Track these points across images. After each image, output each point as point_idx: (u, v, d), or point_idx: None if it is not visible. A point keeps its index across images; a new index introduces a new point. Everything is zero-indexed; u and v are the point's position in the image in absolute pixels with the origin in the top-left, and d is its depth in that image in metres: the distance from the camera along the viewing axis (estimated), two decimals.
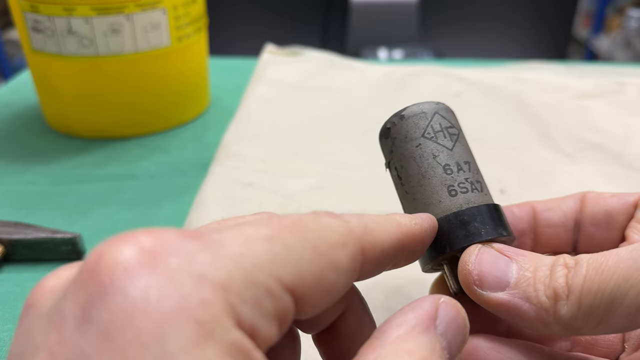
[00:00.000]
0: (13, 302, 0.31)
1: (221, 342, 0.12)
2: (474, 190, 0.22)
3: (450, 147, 0.22)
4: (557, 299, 0.18)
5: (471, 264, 0.20)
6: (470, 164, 0.23)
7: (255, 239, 0.14)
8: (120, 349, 0.11)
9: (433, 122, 0.23)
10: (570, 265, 0.18)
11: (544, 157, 0.43)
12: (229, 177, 0.40)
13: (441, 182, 0.22)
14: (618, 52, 1.71)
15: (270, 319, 0.13)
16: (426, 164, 0.22)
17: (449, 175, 0.22)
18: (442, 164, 0.22)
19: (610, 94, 0.52)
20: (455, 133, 0.23)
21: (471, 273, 0.20)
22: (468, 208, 0.21)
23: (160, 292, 0.12)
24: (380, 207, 0.37)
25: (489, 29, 1.28)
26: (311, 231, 0.15)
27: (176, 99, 0.50)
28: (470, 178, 0.22)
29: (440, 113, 0.23)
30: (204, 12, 0.51)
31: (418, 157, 0.22)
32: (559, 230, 0.25)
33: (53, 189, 0.41)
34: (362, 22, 1.18)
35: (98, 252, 0.13)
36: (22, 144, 0.48)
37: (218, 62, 0.62)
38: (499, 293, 0.19)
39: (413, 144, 0.23)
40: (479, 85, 0.54)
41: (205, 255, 0.13)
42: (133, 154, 0.46)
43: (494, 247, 0.20)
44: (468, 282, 0.20)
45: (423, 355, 0.15)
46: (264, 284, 0.13)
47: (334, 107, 0.52)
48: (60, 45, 0.44)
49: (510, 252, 0.20)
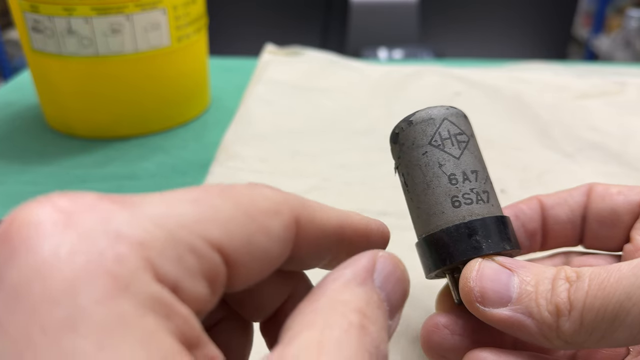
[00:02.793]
0: None
1: (138, 294, 0.11)
2: (479, 202, 0.21)
3: (457, 156, 0.22)
4: (559, 315, 0.18)
5: (472, 280, 0.20)
6: (478, 173, 0.22)
7: (180, 201, 0.13)
8: (29, 306, 0.11)
9: (441, 129, 0.22)
10: (572, 279, 0.18)
11: (544, 157, 0.43)
12: (229, 177, 0.40)
13: (445, 192, 0.21)
14: (618, 52, 1.71)
15: (197, 277, 0.13)
16: (431, 173, 0.22)
17: (454, 185, 0.21)
18: (448, 173, 0.22)
19: (610, 94, 0.52)
20: (465, 140, 0.22)
21: (472, 290, 0.19)
22: (470, 220, 0.21)
23: (72, 248, 0.11)
24: (380, 207, 0.37)
25: (489, 29, 1.28)
26: (243, 196, 0.15)
27: (176, 99, 0.50)
28: (476, 188, 0.22)
29: (450, 119, 0.22)
30: (204, 12, 0.51)
31: (424, 165, 0.22)
32: (567, 226, 0.24)
33: (53, 189, 0.41)
34: (362, 22, 1.18)
35: (12, 215, 0.12)
36: (22, 144, 0.48)
37: (218, 62, 0.62)
38: (502, 309, 0.19)
39: (419, 151, 0.22)
40: (479, 85, 0.54)
41: (123, 214, 0.12)
42: (133, 154, 0.46)
43: (495, 260, 0.20)
44: (470, 299, 0.20)
45: (358, 305, 0.14)
46: (187, 241, 0.13)
47: (334, 107, 0.52)
48: (60, 45, 0.44)
49: (512, 264, 0.20)
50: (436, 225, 0.21)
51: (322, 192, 0.39)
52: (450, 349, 0.21)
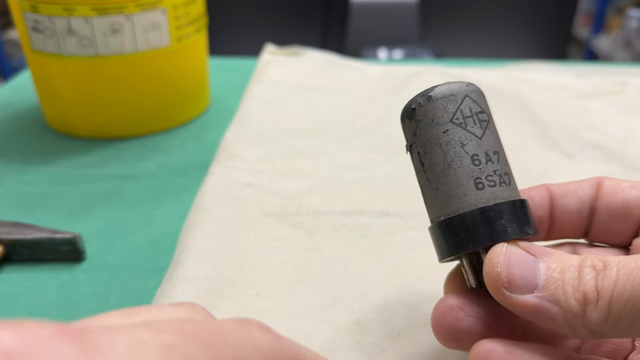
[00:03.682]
0: (13, 302, 0.31)
1: None
2: (501, 184, 0.20)
3: (479, 135, 0.21)
4: (586, 303, 0.18)
5: (500, 265, 0.19)
6: (499, 154, 0.21)
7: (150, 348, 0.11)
8: None
9: (463, 106, 0.21)
10: (598, 268, 0.18)
11: (544, 157, 0.43)
12: (229, 177, 0.40)
13: (468, 173, 0.20)
14: (618, 52, 1.71)
15: None
16: (453, 153, 0.21)
17: (477, 166, 0.20)
18: (470, 153, 0.20)
19: (610, 94, 0.52)
20: (486, 119, 0.21)
21: (500, 275, 0.19)
22: (495, 204, 0.20)
23: None
24: (380, 207, 0.37)
25: (489, 29, 1.28)
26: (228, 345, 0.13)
27: (176, 99, 0.50)
28: (498, 170, 0.21)
29: (471, 96, 0.21)
30: (204, 12, 0.51)
31: (444, 144, 0.21)
32: (575, 217, 0.24)
33: (53, 189, 0.41)
34: (362, 22, 1.18)
35: None
36: (22, 144, 0.48)
37: (218, 62, 0.62)
38: (528, 296, 0.18)
39: (440, 129, 0.21)
40: (479, 85, 0.54)
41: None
42: (133, 154, 0.46)
43: (520, 246, 0.20)
44: (496, 284, 0.19)
45: None
46: None
47: (334, 107, 0.52)
48: (60, 45, 0.44)
49: (537, 251, 0.19)
50: (458, 208, 0.20)
51: (322, 192, 0.39)
52: (465, 331, 0.21)
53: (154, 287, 0.31)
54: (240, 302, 0.29)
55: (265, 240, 0.34)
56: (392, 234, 0.35)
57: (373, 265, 0.32)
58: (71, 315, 0.30)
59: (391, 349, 0.26)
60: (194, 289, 0.29)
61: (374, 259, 0.33)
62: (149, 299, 0.30)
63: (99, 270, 0.33)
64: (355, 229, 0.35)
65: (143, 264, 0.34)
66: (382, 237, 0.34)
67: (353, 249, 0.33)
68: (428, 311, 0.28)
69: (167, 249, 0.34)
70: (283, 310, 0.29)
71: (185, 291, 0.29)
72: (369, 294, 0.30)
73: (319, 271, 0.32)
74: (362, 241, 0.34)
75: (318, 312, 0.28)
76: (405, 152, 0.23)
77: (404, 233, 0.35)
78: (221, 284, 0.30)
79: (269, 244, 0.34)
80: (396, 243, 0.34)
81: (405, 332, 0.27)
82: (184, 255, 0.32)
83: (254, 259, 0.32)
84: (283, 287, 0.30)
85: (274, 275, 0.31)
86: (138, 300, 0.31)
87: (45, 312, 0.30)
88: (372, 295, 0.30)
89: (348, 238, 0.34)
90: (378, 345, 0.27)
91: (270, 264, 0.32)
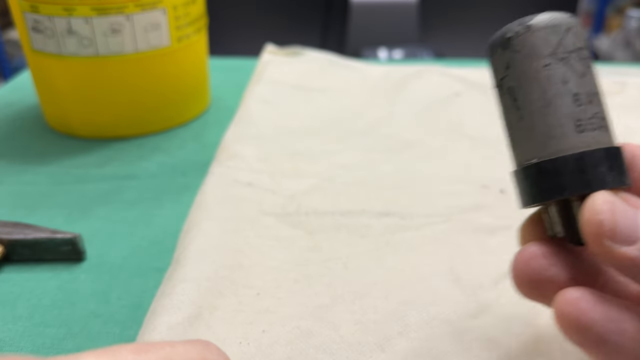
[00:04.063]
0: (13, 302, 0.31)
1: None
2: (601, 128, 0.19)
3: (582, 73, 0.19)
4: None
5: (604, 213, 0.18)
6: (599, 96, 0.19)
7: None
8: None
9: (566, 39, 0.19)
10: None
11: None
12: (229, 177, 0.40)
13: (569, 114, 0.19)
14: (618, 52, 1.71)
15: None
16: (554, 90, 0.19)
17: (579, 107, 0.19)
18: (572, 92, 0.19)
19: (610, 94, 0.52)
20: (586, 57, 0.20)
21: (603, 223, 0.18)
22: (597, 149, 0.19)
23: None
24: (380, 207, 0.37)
25: (489, 29, 1.28)
26: None
27: (176, 99, 0.50)
28: (599, 113, 0.19)
29: (574, 29, 0.19)
30: (204, 12, 0.51)
31: (544, 79, 0.19)
32: None
33: (53, 189, 0.41)
34: (362, 22, 1.18)
35: None
36: (22, 144, 0.48)
37: (218, 62, 0.62)
38: (629, 247, 0.18)
39: (540, 62, 0.19)
40: (479, 85, 0.54)
41: None
42: (133, 154, 0.46)
43: (620, 195, 0.19)
44: (598, 234, 0.18)
45: None
46: None
47: (334, 107, 0.52)
48: (60, 45, 0.44)
49: (636, 202, 0.18)
50: (556, 150, 0.19)
51: (322, 192, 0.39)
52: (548, 280, 0.20)
53: (154, 287, 0.31)
54: (240, 302, 0.29)
55: (265, 240, 0.34)
56: (392, 234, 0.35)
57: (373, 265, 0.32)
58: (71, 315, 0.30)
59: (391, 349, 0.26)
60: (194, 289, 0.29)
61: (374, 258, 0.33)
62: (149, 299, 0.30)
63: (99, 270, 0.33)
64: (355, 229, 0.35)
65: (143, 264, 0.34)
66: (382, 237, 0.34)
67: (353, 249, 0.33)
68: (428, 311, 0.28)
69: (167, 249, 0.35)
70: (283, 310, 0.29)
71: (185, 291, 0.29)
72: (369, 294, 0.30)
73: (319, 271, 0.32)
74: (362, 241, 0.34)
75: (318, 312, 0.28)
76: (494, 86, 0.21)
77: (404, 233, 0.35)
78: (221, 284, 0.30)
79: (268, 244, 0.34)
80: (396, 243, 0.34)
81: (405, 332, 0.27)
82: (184, 255, 0.32)
83: (253, 259, 0.32)
84: (283, 287, 0.30)
85: (274, 275, 0.31)
86: (138, 300, 0.31)
87: (45, 312, 0.30)
88: (372, 295, 0.30)
89: (348, 238, 0.34)
90: (378, 345, 0.27)
91: (270, 264, 0.32)
